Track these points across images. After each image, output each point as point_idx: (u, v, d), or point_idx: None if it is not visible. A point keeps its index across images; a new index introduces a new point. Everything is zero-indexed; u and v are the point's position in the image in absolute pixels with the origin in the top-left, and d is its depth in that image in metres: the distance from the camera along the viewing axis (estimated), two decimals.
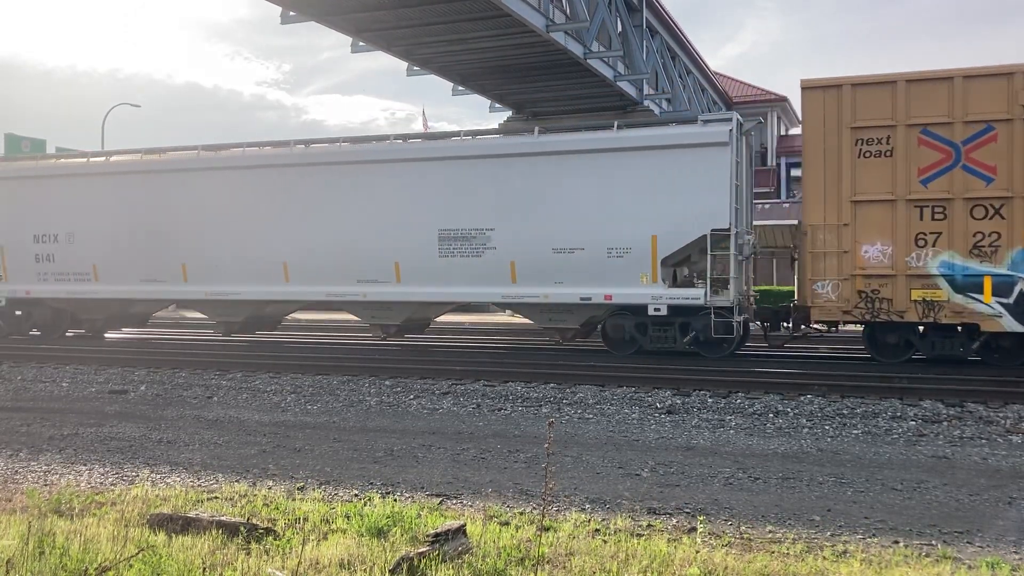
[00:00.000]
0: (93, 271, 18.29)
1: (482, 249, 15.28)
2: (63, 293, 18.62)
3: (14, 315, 19.36)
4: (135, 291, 18.19)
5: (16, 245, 18.91)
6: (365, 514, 5.61)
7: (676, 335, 14.56)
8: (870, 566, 4.85)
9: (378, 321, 16.71)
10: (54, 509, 5.96)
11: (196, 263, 17.48)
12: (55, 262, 18.55)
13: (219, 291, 17.33)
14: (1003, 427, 9.30)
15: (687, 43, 34.07)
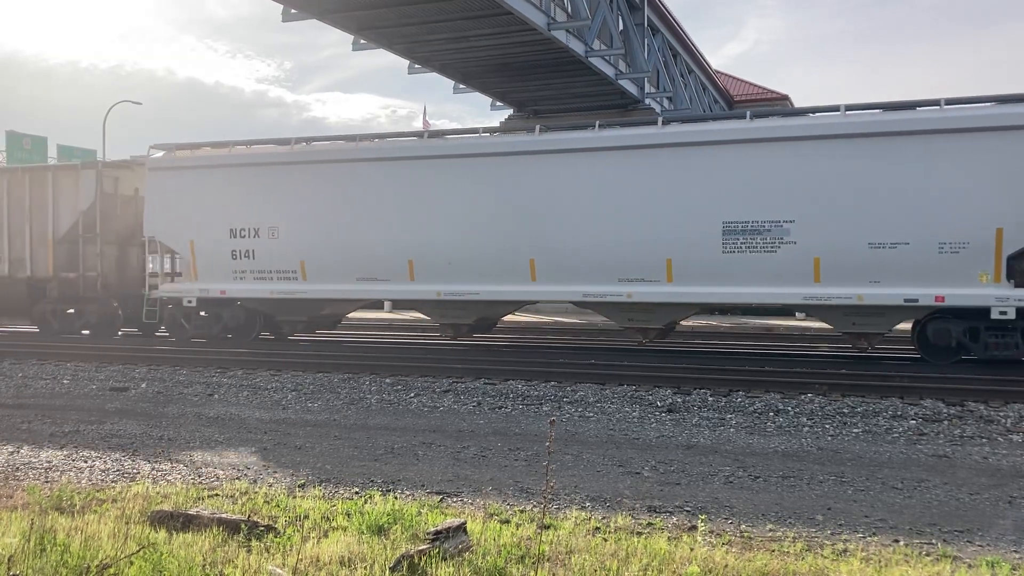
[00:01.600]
0: (300, 269, 16.57)
1: (778, 244, 13.58)
2: (263, 293, 16.91)
3: (200, 317, 17.87)
4: (350, 291, 16.46)
5: (208, 241, 17.26)
6: (366, 512, 5.62)
7: (1021, 342, 12.92)
8: (870, 565, 4.85)
9: (636, 324, 15.12)
10: (55, 506, 5.96)
11: (426, 260, 15.67)
12: (255, 259, 16.87)
13: (453, 291, 15.56)
14: (1004, 426, 9.30)
15: (688, 42, 34.07)
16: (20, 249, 18.93)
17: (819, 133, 13.59)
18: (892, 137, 13.18)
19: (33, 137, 40.01)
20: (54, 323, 19.03)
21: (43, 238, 18.74)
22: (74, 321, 18.92)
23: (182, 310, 17.78)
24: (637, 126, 15.50)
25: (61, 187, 18.62)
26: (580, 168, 14.90)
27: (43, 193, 18.75)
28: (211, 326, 17.68)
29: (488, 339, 19.06)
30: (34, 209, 18.79)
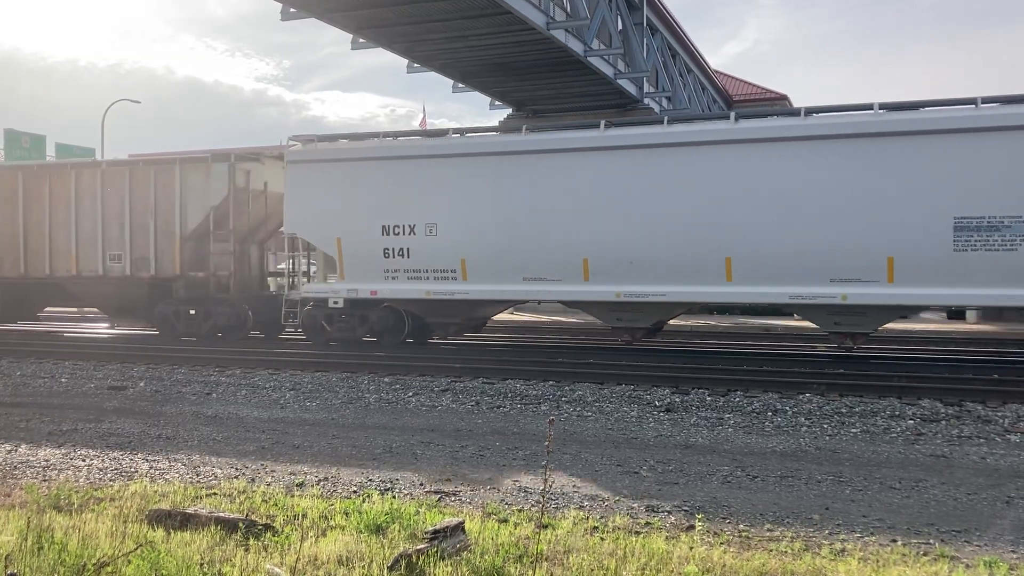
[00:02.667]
0: (460, 268, 15.40)
1: (1020, 241, 12.44)
2: (418, 293, 15.73)
3: (343, 319, 16.61)
4: (515, 291, 15.32)
5: (358, 238, 16.06)
6: (364, 511, 5.61)
7: None
8: (868, 565, 4.86)
9: (843, 329, 13.96)
10: (53, 504, 5.96)
11: (603, 259, 14.47)
12: (409, 258, 15.67)
13: (634, 292, 14.29)
14: (1001, 426, 9.31)
15: (687, 41, 34.07)
16: (143, 247, 17.72)
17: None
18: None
19: (32, 135, 39.96)
20: (177, 325, 17.87)
21: (169, 235, 17.50)
22: (201, 323, 17.73)
23: (323, 312, 16.56)
24: (849, 111, 13.94)
25: (190, 181, 17.39)
26: (785, 159, 13.63)
27: (170, 187, 17.47)
28: (355, 329, 16.54)
29: (487, 339, 19.07)
30: (160, 204, 17.52)
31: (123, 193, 17.81)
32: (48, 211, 18.36)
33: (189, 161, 17.72)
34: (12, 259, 18.75)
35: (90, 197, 18.04)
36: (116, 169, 18.17)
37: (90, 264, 18.06)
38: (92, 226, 18.00)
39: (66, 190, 18.21)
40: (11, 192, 18.71)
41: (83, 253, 18.07)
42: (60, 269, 18.34)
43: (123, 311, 18.67)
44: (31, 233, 18.53)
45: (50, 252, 18.33)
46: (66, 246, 18.20)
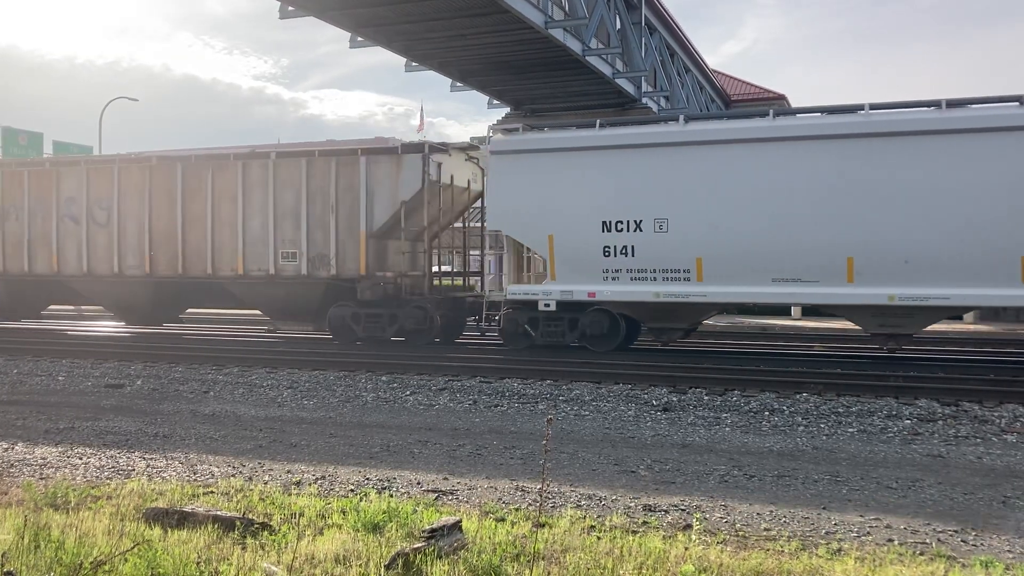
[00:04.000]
0: (696, 267, 13.90)
1: None
2: (642, 295, 14.25)
3: (551, 323, 15.01)
4: (762, 294, 13.92)
5: (573, 235, 14.58)
6: (361, 509, 5.61)
7: None
8: (864, 564, 4.86)
9: None
10: (50, 503, 5.95)
11: (873, 257, 12.92)
12: (634, 256, 14.18)
13: (913, 295, 12.76)
14: (998, 426, 9.32)
15: (686, 41, 34.08)
16: (322, 245, 16.34)
17: None
18: None
19: (29, 133, 39.91)
20: (357, 329, 16.34)
21: (352, 232, 16.11)
22: (384, 327, 16.21)
23: (526, 315, 15.16)
24: None
25: (377, 173, 16.04)
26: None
27: (353, 180, 16.08)
28: (564, 334, 15.06)
29: (485, 338, 19.06)
30: (342, 198, 16.15)
31: (299, 186, 16.40)
32: (211, 206, 16.99)
33: (377, 152, 16.29)
34: (169, 257, 17.42)
35: (260, 190, 16.67)
36: (290, 160, 16.63)
37: (259, 263, 16.70)
38: (262, 222, 16.66)
39: (232, 183, 16.85)
40: (169, 185, 17.37)
41: (251, 251, 16.74)
42: (224, 269, 17.01)
43: (291, 314, 17.23)
44: (191, 230, 17.20)
45: (212, 250, 17.01)
46: (231, 244, 16.89)
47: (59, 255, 18.35)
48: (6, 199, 18.88)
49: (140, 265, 17.69)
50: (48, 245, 18.45)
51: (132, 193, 17.71)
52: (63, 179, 18.32)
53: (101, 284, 18.32)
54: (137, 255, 17.69)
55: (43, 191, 18.46)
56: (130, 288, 18.13)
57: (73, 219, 18.20)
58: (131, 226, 17.73)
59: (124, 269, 17.82)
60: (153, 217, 17.49)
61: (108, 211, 17.86)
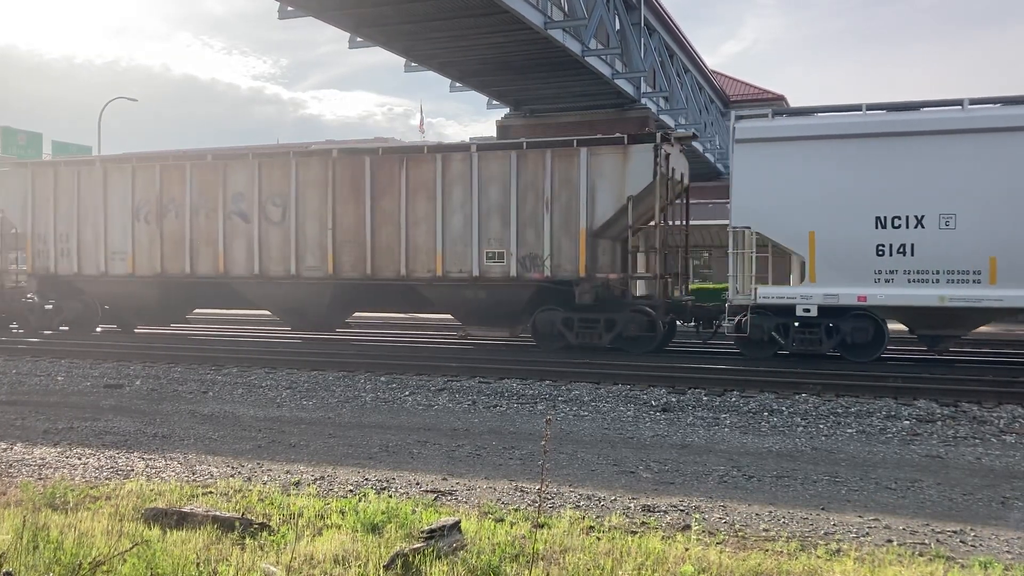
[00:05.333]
0: (989, 268, 12.71)
1: None
2: (926, 299, 13.04)
3: (806, 329, 13.88)
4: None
5: (839, 232, 13.45)
6: (360, 510, 5.61)
7: None
8: (863, 565, 4.86)
9: None
10: (48, 503, 5.95)
11: None
12: (914, 256, 13.03)
13: None
14: (997, 427, 9.33)
15: (685, 41, 34.13)
16: (534, 244, 15.24)
17: None
18: None
19: (28, 133, 39.93)
20: (568, 335, 15.26)
21: (569, 230, 15.07)
22: (601, 333, 15.06)
23: (772, 321, 13.94)
24: None
25: (600, 166, 14.88)
26: None
27: (570, 173, 15.01)
28: (820, 342, 13.87)
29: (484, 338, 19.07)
30: (558, 193, 15.05)
31: (506, 181, 15.31)
32: (404, 202, 15.96)
33: (599, 142, 15.20)
34: (354, 258, 16.35)
35: (462, 186, 15.64)
36: (497, 153, 15.67)
37: (460, 264, 15.67)
38: (464, 220, 15.61)
39: (428, 177, 15.83)
40: (355, 179, 16.33)
41: (451, 252, 15.73)
42: (419, 270, 15.95)
43: (490, 319, 16.08)
44: (380, 228, 16.16)
45: (406, 250, 15.96)
46: (428, 243, 15.87)
47: (226, 255, 17.29)
48: (165, 195, 17.84)
49: (321, 266, 16.57)
50: (213, 244, 17.41)
51: (312, 188, 16.63)
52: (231, 173, 17.27)
53: (272, 287, 17.13)
54: (318, 255, 16.57)
55: (208, 186, 17.45)
56: (306, 291, 16.92)
57: (242, 216, 17.17)
58: (311, 224, 16.63)
59: (302, 271, 16.70)
60: (337, 214, 16.40)
61: (283, 208, 16.81)
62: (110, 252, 18.37)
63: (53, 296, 19.03)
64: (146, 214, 18.02)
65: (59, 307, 18.84)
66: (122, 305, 19.17)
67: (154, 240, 17.96)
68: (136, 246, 18.12)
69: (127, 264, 18.24)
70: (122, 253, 18.27)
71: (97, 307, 19.13)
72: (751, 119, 14.40)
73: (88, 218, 18.58)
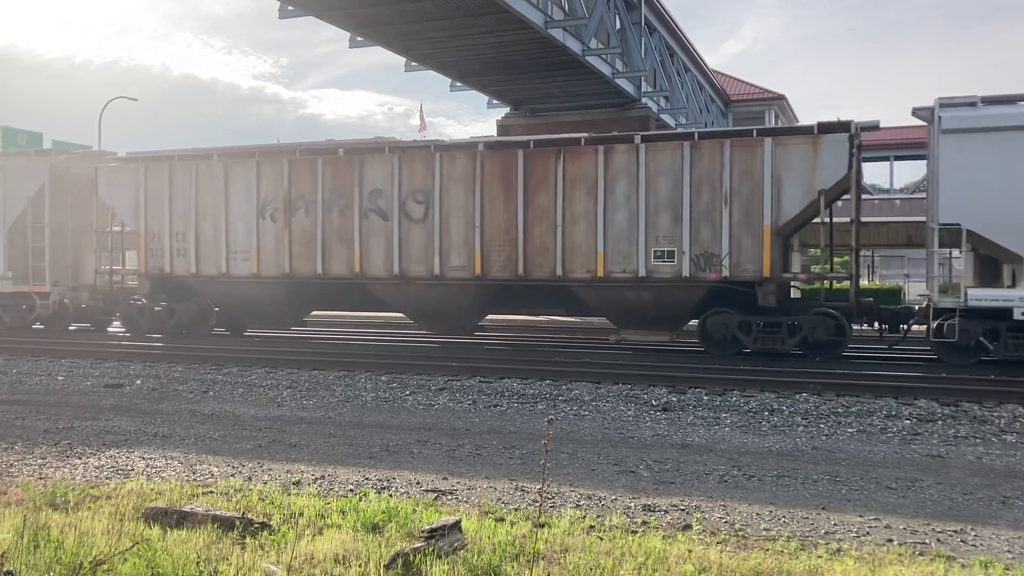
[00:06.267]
0: None
1: None
2: None
3: (1016, 334, 12.71)
4: None
5: None
6: (360, 509, 5.61)
7: None
8: (864, 564, 4.87)
9: None
10: (49, 502, 5.95)
11: None
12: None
13: None
14: (997, 426, 9.33)
15: (685, 41, 34.13)
16: (710, 242, 14.21)
17: None
18: None
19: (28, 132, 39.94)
20: (745, 340, 14.21)
21: (751, 227, 13.99)
22: (784, 338, 14.03)
23: (982, 325, 12.90)
24: None
25: (786, 158, 13.86)
26: None
27: (752, 166, 13.99)
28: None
29: (484, 338, 19.07)
30: (738, 187, 14.05)
31: (678, 174, 14.33)
32: (561, 198, 15.02)
33: (784, 132, 14.25)
34: (504, 257, 15.45)
35: (626, 179, 14.64)
36: (666, 144, 14.60)
37: (624, 264, 14.64)
38: (628, 216, 14.60)
39: (588, 171, 14.87)
40: (505, 173, 15.40)
41: (613, 250, 14.72)
42: (578, 270, 14.93)
43: (651, 321, 14.98)
44: (534, 226, 15.22)
45: (562, 249, 14.99)
46: (587, 241, 14.86)
47: (362, 255, 16.35)
48: (294, 191, 16.82)
49: (467, 266, 15.66)
50: (348, 243, 16.42)
51: (457, 183, 15.74)
52: (367, 168, 16.33)
53: (411, 288, 16.23)
54: (464, 255, 15.69)
55: (342, 182, 16.45)
56: (449, 293, 16.04)
57: (380, 213, 16.23)
58: (456, 221, 15.74)
59: (446, 271, 15.80)
60: (485, 211, 15.52)
61: (426, 204, 15.90)
62: (231, 251, 17.29)
63: (165, 297, 18.13)
64: (272, 211, 17.05)
65: (171, 309, 17.89)
66: (240, 307, 18.09)
67: (281, 239, 16.92)
68: (261, 245, 17.06)
69: (250, 264, 17.17)
70: (245, 253, 17.27)
71: (211, 309, 18.19)
72: (958, 107, 13.22)
73: (207, 215, 17.48)
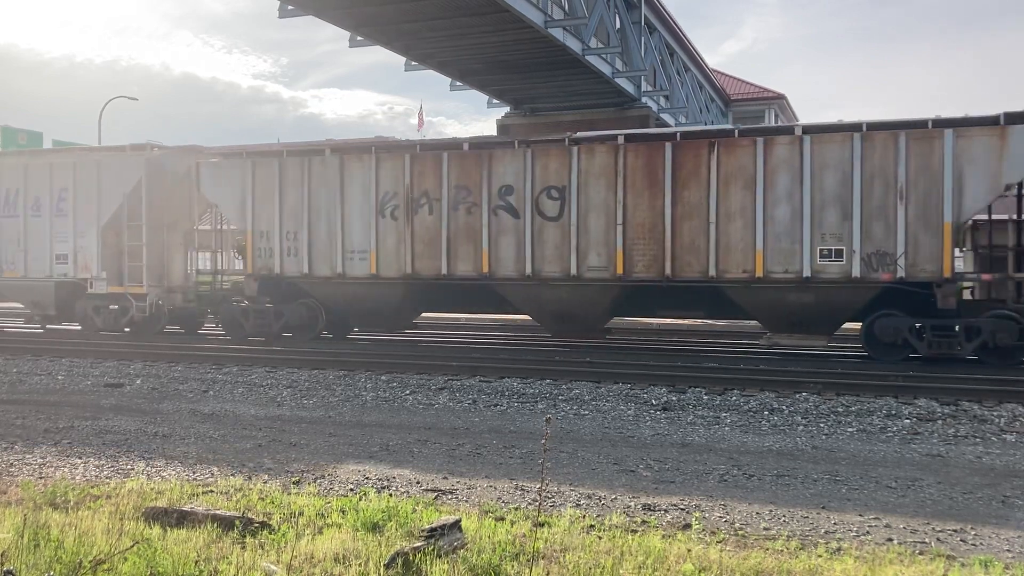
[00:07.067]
0: None
1: None
2: None
3: None
4: None
5: None
6: (360, 509, 5.61)
7: None
8: (864, 564, 4.87)
9: None
10: (49, 502, 5.96)
11: None
12: None
13: None
14: (997, 426, 9.32)
15: (685, 40, 34.13)
16: (883, 240, 13.41)
17: None
18: None
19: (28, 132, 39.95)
20: (919, 345, 13.51)
21: (928, 224, 13.25)
22: (961, 342, 13.38)
23: None
24: None
25: (968, 151, 13.08)
26: None
27: (930, 159, 13.21)
28: None
29: (484, 338, 19.07)
30: (915, 181, 13.27)
31: (846, 167, 13.64)
32: (715, 193, 14.27)
33: (967, 123, 13.53)
34: (649, 256, 14.69)
35: (788, 173, 13.92)
36: (833, 136, 13.89)
37: (786, 263, 13.96)
38: (791, 212, 13.89)
39: (745, 165, 14.10)
40: (650, 168, 14.67)
41: (773, 248, 13.99)
42: (733, 270, 14.18)
43: (813, 324, 14.17)
44: (682, 223, 14.47)
45: (716, 247, 14.23)
46: (744, 239, 14.12)
47: (491, 254, 15.68)
48: (416, 188, 16.20)
49: (607, 266, 14.92)
50: (475, 242, 15.77)
51: (596, 178, 15.05)
52: (496, 163, 15.67)
53: (544, 289, 15.53)
54: (603, 254, 14.96)
55: (468, 178, 15.84)
56: (586, 294, 15.33)
57: (510, 211, 15.58)
58: (595, 219, 15.05)
59: (583, 271, 15.09)
60: (628, 207, 14.80)
61: (561, 201, 15.23)
62: (347, 251, 16.65)
63: (270, 299, 17.40)
64: (392, 209, 16.44)
65: (278, 311, 17.29)
66: (352, 309, 17.40)
67: (403, 238, 16.28)
68: (380, 244, 16.42)
69: (368, 264, 16.52)
70: (362, 252, 16.64)
71: (320, 311, 17.50)
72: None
73: (321, 214, 16.82)
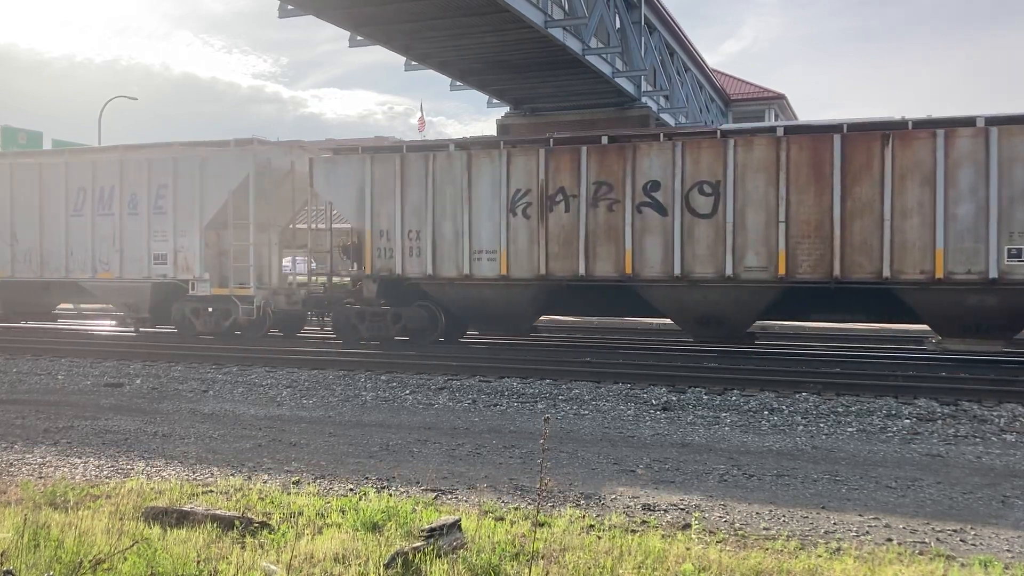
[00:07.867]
0: None
1: None
2: None
3: None
4: None
5: None
6: (360, 508, 5.61)
7: None
8: (864, 563, 4.87)
9: None
10: (49, 502, 5.96)
11: None
12: None
13: None
14: (997, 426, 9.32)
15: (685, 40, 34.13)
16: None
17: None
18: None
19: (28, 132, 39.93)
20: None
21: None
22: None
23: None
24: None
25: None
26: None
27: None
28: None
29: (484, 337, 19.08)
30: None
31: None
32: (889, 190, 13.35)
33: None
34: (815, 256, 13.79)
35: (972, 168, 13.03)
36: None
37: (969, 263, 12.94)
38: (974, 210, 12.96)
39: (924, 160, 13.22)
40: (816, 163, 13.75)
41: (955, 248, 13.03)
42: (909, 270, 13.25)
43: (990, 327, 13.45)
44: (852, 220, 13.58)
45: (891, 246, 13.33)
46: (922, 238, 13.23)
47: (634, 253, 14.75)
48: (551, 184, 15.23)
49: (767, 266, 13.99)
50: (617, 241, 14.81)
51: (755, 173, 14.17)
52: (641, 157, 14.74)
53: (693, 291, 14.55)
54: (763, 253, 14.04)
55: (609, 173, 14.92)
56: (741, 296, 14.38)
57: (657, 208, 14.67)
58: (753, 216, 14.14)
59: (740, 271, 14.14)
60: (791, 204, 13.92)
61: (714, 197, 14.32)
62: (474, 251, 15.79)
63: (388, 301, 16.64)
64: (524, 207, 15.50)
65: (396, 314, 16.47)
66: (475, 312, 16.54)
67: (535, 237, 15.37)
68: (511, 244, 15.52)
69: (497, 265, 15.61)
70: (491, 253, 15.69)
71: (440, 314, 16.74)
72: None
73: (446, 212, 16.00)
